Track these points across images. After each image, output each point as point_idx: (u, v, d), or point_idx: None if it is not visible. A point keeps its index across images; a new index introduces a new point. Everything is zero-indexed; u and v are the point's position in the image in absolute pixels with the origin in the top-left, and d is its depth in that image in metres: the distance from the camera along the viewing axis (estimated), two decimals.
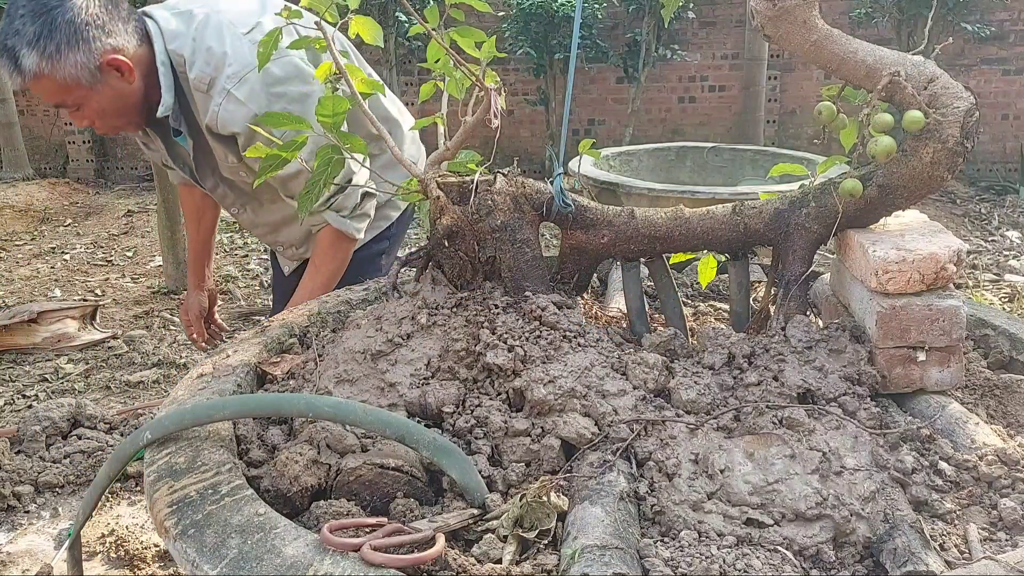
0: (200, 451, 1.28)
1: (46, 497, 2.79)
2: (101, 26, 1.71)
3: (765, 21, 1.43)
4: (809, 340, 1.46)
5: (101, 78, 1.76)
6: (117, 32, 1.74)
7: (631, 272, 1.67)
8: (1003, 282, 4.79)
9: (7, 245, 6.20)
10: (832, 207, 1.51)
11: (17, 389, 3.67)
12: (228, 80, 1.80)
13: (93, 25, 1.69)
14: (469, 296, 1.56)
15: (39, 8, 1.65)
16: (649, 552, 1.09)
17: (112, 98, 1.82)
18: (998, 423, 1.45)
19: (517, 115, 8.03)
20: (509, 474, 1.30)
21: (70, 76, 1.72)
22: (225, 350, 1.69)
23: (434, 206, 1.54)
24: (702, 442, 1.28)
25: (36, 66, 1.69)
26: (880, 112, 1.42)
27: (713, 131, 7.92)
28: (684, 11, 7.31)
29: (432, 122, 1.78)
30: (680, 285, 2.11)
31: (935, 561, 1.06)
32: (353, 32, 1.61)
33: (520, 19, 7.13)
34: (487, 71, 1.55)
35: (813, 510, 1.15)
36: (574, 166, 4.20)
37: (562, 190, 1.55)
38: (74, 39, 1.67)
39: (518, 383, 1.39)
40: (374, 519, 1.14)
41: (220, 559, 1.04)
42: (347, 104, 1.52)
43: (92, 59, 1.71)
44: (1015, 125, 7.66)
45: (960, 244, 1.43)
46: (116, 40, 1.74)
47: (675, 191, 4.08)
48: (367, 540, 1.04)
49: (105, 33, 1.72)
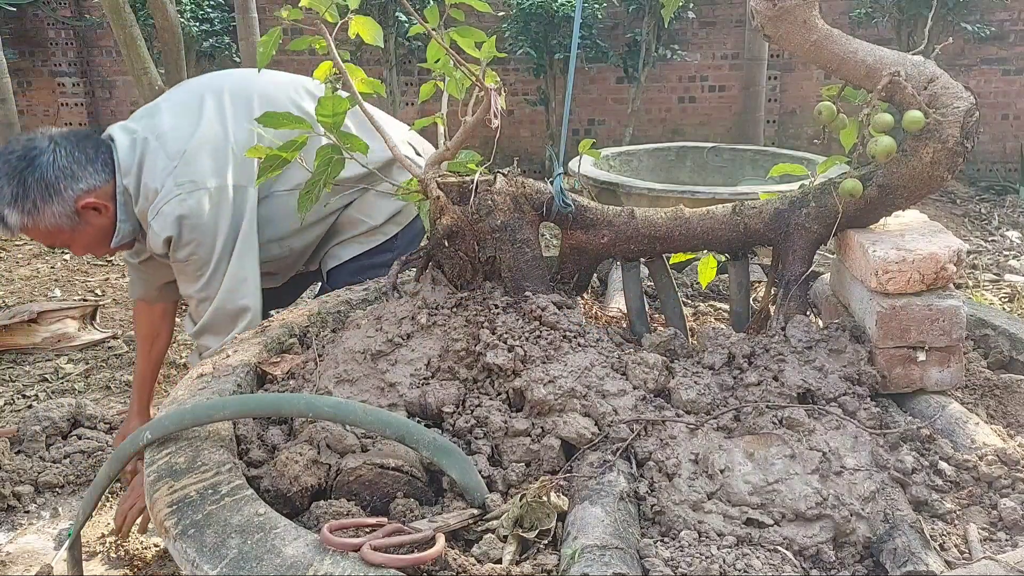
0: (200, 451, 1.28)
1: (46, 497, 2.79)
2: (71, 175, 1.85)
3: (765, 21, 1.43)
4: (809, 340, 1.46)
5: (81, 220, 1.90)
6: (86, 176, 1.88)
7: (631, 272, 1.67)
8: (1003, 282, 4.79)
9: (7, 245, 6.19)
10: (832, 207, 1.51)
11: (17, 389, 3.67)
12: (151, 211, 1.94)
13: (63, 176, 1.83)
14: (469, 296, 1.56)
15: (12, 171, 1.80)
16: (649, 552, 1.09)
17: (96, 233, 1.95)
18: (998, 423, 1.45)
19: (517, 115, 8.02)
20: (509, 474, 1.30)
21: (52, 225, 1.87)
22: (225, 350, 1.69)
23: (434, 206, 1.54)
24: (702, 442, 1.28)
25: (20, 222, 1.85)
26: (880, 112, 1.42)
27: (713, 131, 7.91)
28: (684, 11, 7.30)
29: (432, 122, 1.78)
30: (680, 285, 2.11)
31: (935, 561, 1.06)
32: (353, 32, 1.61)
33: (520, 19, 7.12)
34: (487, 71, 1.55)
35: (813, 510, 1.15)
36: (574, 166, 4.20)
37: (562, 190, 1.55)
38: (47, 193, 1.82)
39: (518, 383, 1.39)
40: (374, 519, 1.14)
41: (220, 559, 1.04)
42: (347, 104, 1.52)
43: (68, 207, 1.85)
44: (1015, 125, 7.65)
45: (960, 244, 1.43)
46: (86, 183, 1.88)
47: (675, 191, 4.07)
48: (367, 540, 1.04)
49: (75, 180, 1.85)
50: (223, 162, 1.96)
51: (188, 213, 1.87)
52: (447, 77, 1.72)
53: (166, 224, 1.88)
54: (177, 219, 1.89)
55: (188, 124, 1.96)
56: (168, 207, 1.87)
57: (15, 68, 8.15)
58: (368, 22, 1.61)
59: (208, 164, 1.92)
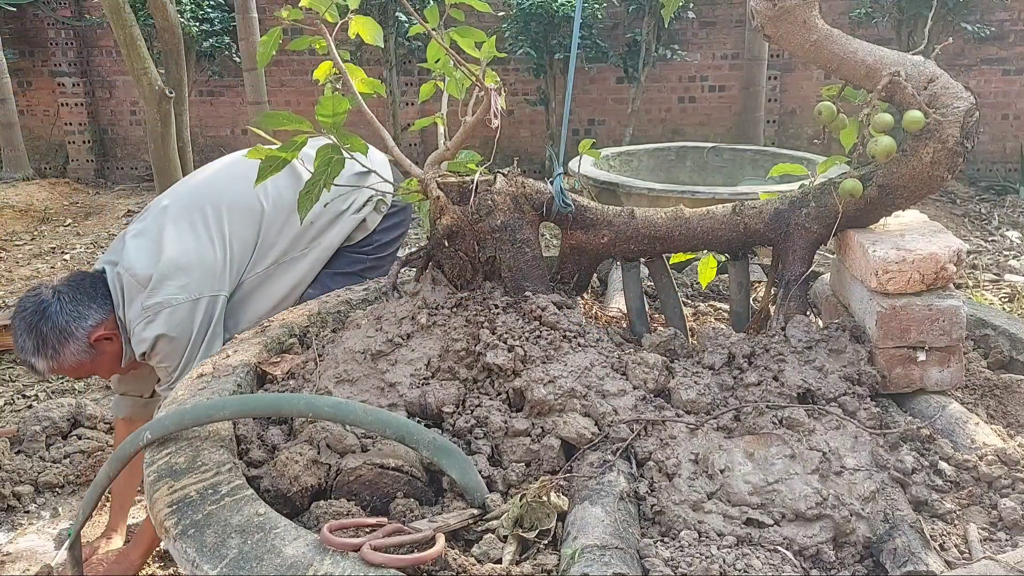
0: (200, 451, 1.28)
1: (46, 497, 2.79)
2: (78, 316, 2.08)
3: (765, 21, 1.43)
4: (809, 340, 1.46)
5: (96, 351, 2.12)
6: (91, 313, 2.10)
7: (631, 272, 1.67)
8: (1003, 282, 4.79)
9: (7, 245, 6.20)
10: (832, 207, 1.51)
11: (17, 389, 3.67)
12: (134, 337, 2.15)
13: (72, 319, 2.06)
14: (469, 296, 1.56)
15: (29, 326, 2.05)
16: (649, 552, 1.09)
17: (113, 358, 2.17)
18: (998, 423, 1.45)
19: (517, 115, 8.02)
20: (509, 474, 1.30)
21: (74, 362, 2.10)
22: (225, 350, 1.69)
23: (434, 206, 1.54)
24: (702, 442, 1.28)
25: (46, 366, 2.09)
26: (880, 112, 1.42)
27: (713, 131, 7.91)
28: (684, 11, 7.30)
29: (432, 122, 1.78)
30: (680, 285, 2.11)
31: (935, 561, 1.06)
32: (353, 32, 1.61)
33: (520, 19, 7.12)
34: (487, 71, 1.55)
35: (813, 510, 1.15)
36: (574, 166, 4.20)
37: (562, 190, 1.55)
38: (62, 337, 2.05)
39: (518, 383, 1.39)
40: (374, 519, 1.14)
41: (220, 559, 1.04)
42: (347, 104, 1.52)
43: (82, 344, 2.09)
44: (1015, 125, 7.66)
45: (960, 244, 1.43)
46: (93, 319, 2.10)
47: (675, 191, 4.07)
48: (367, 540, 1.04)
49: (83, 319, 2.08)
50: (192, 275, 2.13)
51: (158, 333, 2.09)
52: (447, 77, 1.72)
53: (141, 344, 2.12)
54: (150, 339, 2.09)
55: (151, 250, 2.15)
56: (139, 329, 2.10)
57: (15, 68, 8.16)
58: (368, 22, 1.61)
59: (174, 284, 2.11)
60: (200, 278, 2.13)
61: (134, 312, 2.11)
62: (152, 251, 2.14)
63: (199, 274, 2.13)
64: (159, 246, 2.15)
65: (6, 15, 8.09)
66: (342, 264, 2.40)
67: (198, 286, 2.12)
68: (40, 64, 8.41)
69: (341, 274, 2.38)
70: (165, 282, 2.09)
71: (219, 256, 2.17)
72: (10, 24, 8.20)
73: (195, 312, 2.11)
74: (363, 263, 2.44)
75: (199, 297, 2.11)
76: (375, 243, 2.45)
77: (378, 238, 2.46)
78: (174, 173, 4.56)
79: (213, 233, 2.18)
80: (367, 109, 1.61)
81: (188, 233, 2.17)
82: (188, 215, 2.20)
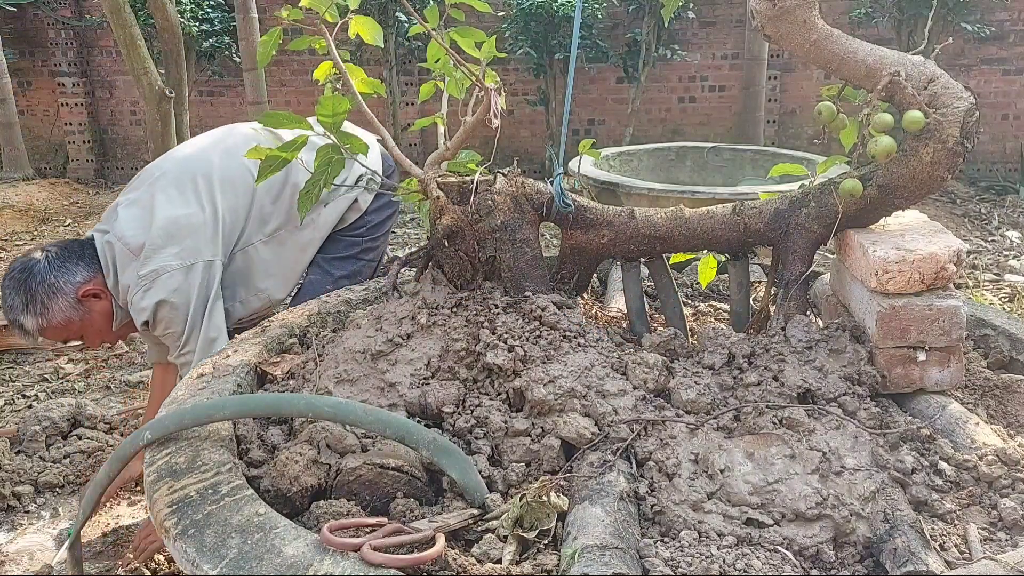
0: (200, 451, 1.28)
1: (46, 497, 2.79)
2: (66, 271, 2.10)
3: (765, 21, 1.43)
4: (809, 340, 1.46)
5: (85, 307, 2.13)
6: (79, 270, 2.12)
7: (631, 272, 1.67)
8: (1003, 282, 4.78)
9: (7, 245, 6.19)
10: (832, 207, 1.51)
11: (17, 389, 3.67)
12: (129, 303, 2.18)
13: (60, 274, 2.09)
14: (469, 296, 1.56)
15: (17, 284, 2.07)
16: (649, 552, 1.09)
17: (101, 318, 2.18)
18: (998, 423, 1.45)
19: (517, 115, 8.01)
20: (509, 474, 1.30)
21: (62, 318, 2.11)
22: (225, 350, 1.69)
23: (434, 206, 1.54)
24: (702, 442, 1.28)
25: (35, 324, 2.10)
26: (880, 112, 1.42)
27: (713, 131, 7.91)
28: (684, 11, 7.30)
29: (432, 122, 1.78)
30: (680, 285, 2.11)
31: (935, 561, 1.06)
32: (353, 32, 1.61)
33: (520, 19, 7.11)
34: (487, 71, 1.55)
35: (813, 510, 1.15)
36: (574, 166, 4.20)
37: (562, 190, 1.55)
38: (50, 291, 2.07)
39: (518, 383, 1.39)
40: (374, 519, 1.14)
41: (220, 559, 1.04)
42: (347, 104, 1.52)
43: (70, 299, 2.10)
44: (1015, 125, 7.65)
45: (960, 244, 1.43)
46: (81, 275, 2.12)
47: (675, 191, 4.07)
48: (367, 540, 1.04)
49: (71, 274, 2.11)
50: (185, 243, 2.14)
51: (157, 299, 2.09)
52: (447, 77, 1.72)
53: (141, 312, 2.12)
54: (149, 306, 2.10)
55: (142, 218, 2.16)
56: (137, 298, 2.10)
57: (15, 68, 8.15)
58: (368, 22, 1.61)
59: (168, 252, 2.12)
60: (193, 245, 2.14)
61: (128, 279, 2.12)
62: (144, 219, 2.15)
63: (192, 241, 2.14)
64: (150, 215, 2.15)
65: (6, 15, 8.08)
66: (339, 248, 2.42)
67: (191, 253, 2.13)
68: (40, 64, 8.41)
69: (338, 258, 2.41)
70: (159, 250, 2.10)
71: (210, 223, 2.18)
72: (10, 24, 8.20)
73: (191, 277, 2.11)
74: (359, 245, 2.46)
75: (194, 263, 2.12)
76: (368, 224, 2.48)
77: (370, 219, 2.48)
78: None
79: (204, 201, 2.19)
80: (367, 109, 1.61)
81: (179, 201, 2.18)
82: (179, 184, 2.21)
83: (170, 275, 2.09)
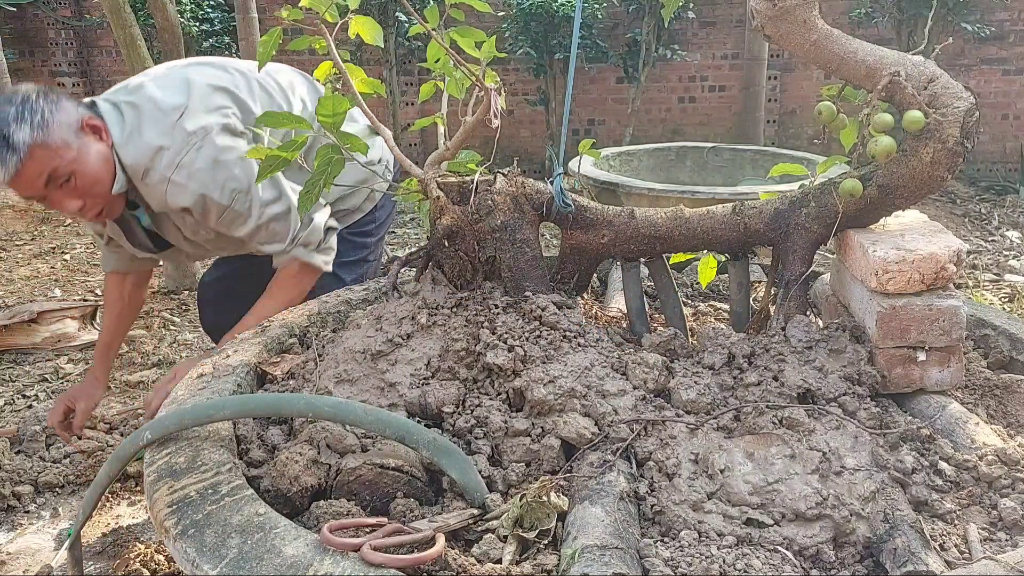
0: (200, 451, 1.28)
1: (46, 497, 2.79)
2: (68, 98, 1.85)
3: (765, 21, 1.43)
4: (809, 340, 1.46)
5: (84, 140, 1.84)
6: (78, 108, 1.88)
7: (631, 272, 1.67)
8: (1003, 282, 4.78)
9: (7, 245, 6.19)
10: (832, 207, 1.51)
11: (17, 389, 3.67)
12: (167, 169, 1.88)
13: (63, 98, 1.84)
14: (469, 296, 1.56)
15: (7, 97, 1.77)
16: (649, 552, 1.09)
17: (97, 159, 1.87)
18: (998, 423, 1.45)
19: (517, 115, 8.02)
20: (509, 474, 1.30)
21: (61, 139, 1.79)
22: (225, 350, 1.69)
23: (434, 206, 1.54)
24: (702, 442, 1.28)
25: (29, 136, 1.75)
26: (880, 112, 1.42)
27: (713, 131, 7.91)
28: (684, 11, 7.30)
29: (432, 122, 1.78)
30: (680, 285, 2.11)
31: (935, 561, 1.06)
32: (353, 32, 1.61)
33: (520, 19, 7.12)
34: (487, 71, 1.55)
35: (813, 510, 1.15)
36: (574, 166, 4.21)
37: (562, 190, 1.55)
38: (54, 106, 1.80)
39: (518, 383, 1.39)
40: (374, 519, 1.14)
41: (220, 559, 1.04)
42: (347, 104, 1.52)
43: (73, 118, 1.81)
44: (1015, 125, 7.65)
45: (960, 244, 1.43)
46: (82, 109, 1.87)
47: (675, 191, 4.07)
48: (367, 540, 1.04)
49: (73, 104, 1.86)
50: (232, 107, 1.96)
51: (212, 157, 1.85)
52: (447, 77, 1.72)
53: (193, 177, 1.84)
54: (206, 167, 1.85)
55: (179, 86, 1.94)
56: (188, 159, 1.83)
57: (15, 68, 8.14)
58: (368, 22, 1.61)
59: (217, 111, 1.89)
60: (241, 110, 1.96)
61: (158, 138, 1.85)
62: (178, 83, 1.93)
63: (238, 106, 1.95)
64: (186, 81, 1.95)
65: (6, 15, 8.08)
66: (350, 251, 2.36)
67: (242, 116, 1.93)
68: (40, 64, 8.41)
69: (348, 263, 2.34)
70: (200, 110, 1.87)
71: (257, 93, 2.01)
72: (10, 24, 8.20)
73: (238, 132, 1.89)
74: (367, 247, 2.42)
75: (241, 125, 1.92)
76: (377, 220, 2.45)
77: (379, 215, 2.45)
78: None
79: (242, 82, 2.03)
80: (367, 109, 1.61)
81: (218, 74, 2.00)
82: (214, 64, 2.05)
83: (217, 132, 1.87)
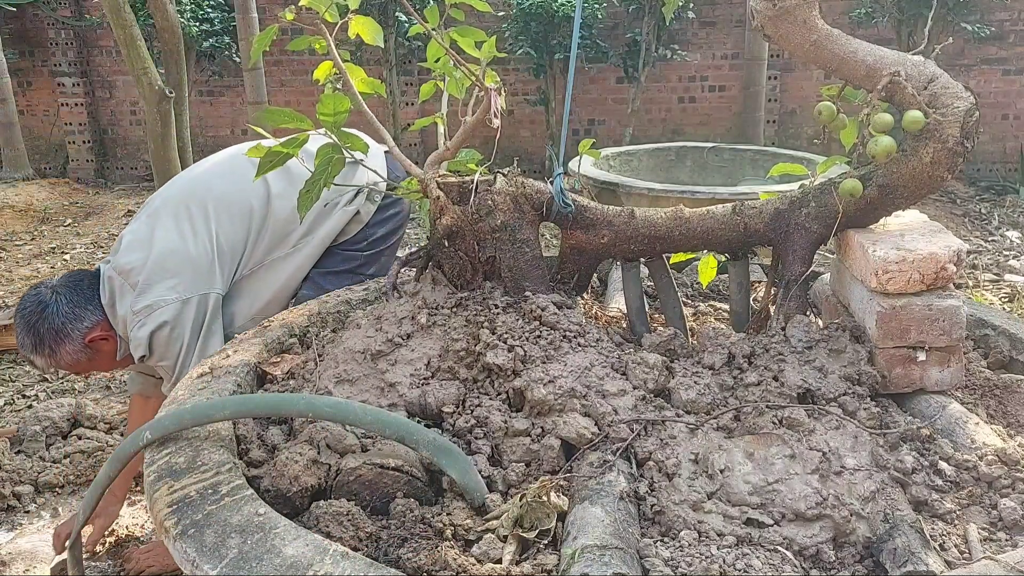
0: (200, 451, 1.28)
1: (46, 497, 2.79)
2: (74, 318, 2.13)
3: (765, 21, 1.43)
4: (809, 340, 1.46)
5: (93, 351, 2.18)
6: (86, 315, 2.15)
7: (631, 272, 1.67)
8: (1003, 282, 4.78)
9: (7, 245, 6.19)
10: (832, 207, 1.51)
11: (17, 389, 3.67)
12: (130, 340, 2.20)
13: (68, 320, 2.13)
14: (469, 296, 1.56)
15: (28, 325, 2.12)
16: (649, 552, 1.09)
17: (109, 357, 2.23)
18: (998, 423, 1.45)
19: (517, 115, 8.01)
20: (509, 474, 1.30)
21: (70, 360, 2.17)
22: (225, 350, 1.69)
23: (434, 206, 1.54)
24: (702, 442, 1.28)
25: (45, 363, 2.17)
26: (880, 112, 1.42)
27: (713, 131, 7.91)
28: (684, 11, 7.30)
29: (432, 122, 1.78)
30: (680, 285, 2.11)
31: (935, 561, 1.06)
32: (353, 32, 1.61)
33: (520, 19, 7.12)
34: (487, 71, 1.55)
35: (813, 510, 1.15)
36: (574, 166, 4.20)
37: (562, 190, 1.55)
38: (58, 337, 2.12)
39: (518, 383, 1.39)
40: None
41: (220, 559, 1.04)
42: (347, 103, 1.52)
43: (77, 344, 2.15)
44: (1015, 125, 7.65)
45: (960, 244, 1.43)
46: (88, 321, 2.16)
47: (675, 191, 4.07)
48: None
49: (79, 320, 2.14)
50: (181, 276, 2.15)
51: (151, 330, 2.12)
52: (447, 77, 1.71)
53: (138, 346, 2.15)
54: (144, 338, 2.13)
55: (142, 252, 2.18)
56: (134, 332, 2.14)
57: (15, 68, 8.15)
58: (368, 22, 1.61)
59: (163, 286, 2.13)
60: (190, 278, 2.15)
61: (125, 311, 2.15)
62: (141, 252, 2.17)
63: (188, 274, 2.15)
64: (148, 246, 2.17)
65: (6, 15, 8.08)
66: (334, 263, 2.38)
67: (187, 286, 2.14)
68: (40, 64, 8.41)
69: (333, 273, 2.36)
70: (154, 285, 2.13)
71: (206, 254, 2.18)
72: (10, 24, 8.20)
73: (186, 310, 2.12)
74: (357, 260, 2.41)
75: (189, 297, 2.13)
76: (370, 237, 2.42)
77: (373, 231, 2.42)
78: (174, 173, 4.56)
79: (200, 230, 2.19)
80: (367, 109, 1.61)
81: (174, 232, 2.19)
82: (175, 213, 2.22)
83: (163, 310, 2.11)
